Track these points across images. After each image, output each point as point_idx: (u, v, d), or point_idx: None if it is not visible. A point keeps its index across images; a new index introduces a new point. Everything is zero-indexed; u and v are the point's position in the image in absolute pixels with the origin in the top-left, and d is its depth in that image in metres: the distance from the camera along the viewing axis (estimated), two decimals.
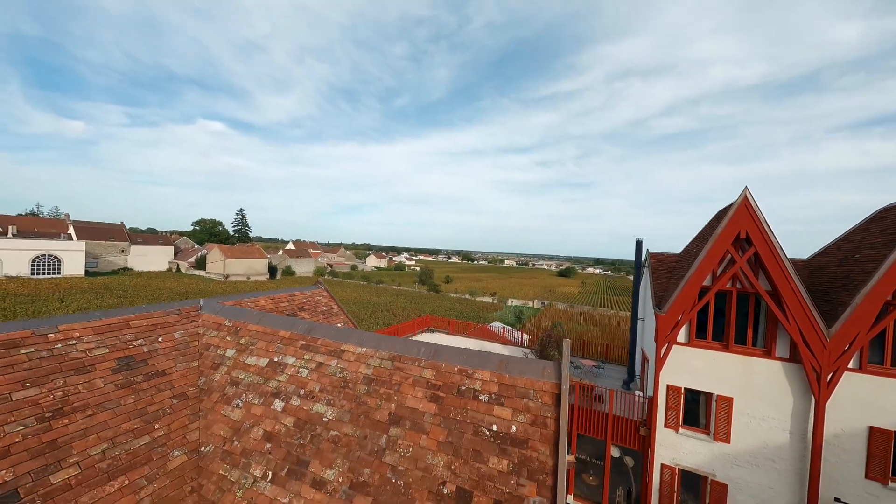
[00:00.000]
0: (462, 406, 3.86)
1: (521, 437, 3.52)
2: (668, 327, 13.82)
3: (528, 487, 3.26)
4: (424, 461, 3.63)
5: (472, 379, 4.01)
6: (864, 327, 11.45)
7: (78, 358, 4.31)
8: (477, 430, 3.68)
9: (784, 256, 12.37)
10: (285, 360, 4.92)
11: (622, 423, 14.80)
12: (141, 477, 3.86)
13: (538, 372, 3.85)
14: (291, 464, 3.99)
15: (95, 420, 3.96)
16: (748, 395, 12.97)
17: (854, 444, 11.66)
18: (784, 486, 12.37)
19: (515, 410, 3.69)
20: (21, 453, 3.39)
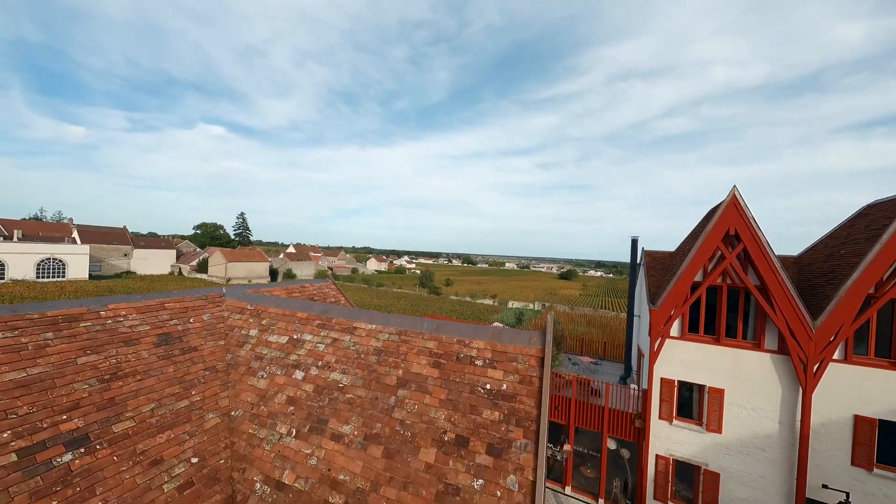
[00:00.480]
0: (460, 370, 4.52)
1: (510, 393, 4.17)
2: (661, 321, 14.43)
3: (516, 432, 3.90)
4: (428, 415, 4.28)
5: (468, 347, 4.67)
6: (847, 319, 12.03)
7: (126, 332, 4.98)
8: (473, 389, 4.33)
9: (771, 252, 12.98)
10: (304, 338, 5.58)
11: (618, 415, 15.38)
12: (183, 432, 4.51)
13: (525, 340, 4.50)
14: (312, 422, 4.64)
15: (144, 384, 4.62)
16: (739, 387, 13.54)
17: (840, 433, 12.22)
18: (774, 475, 12.92)
19: (506, 372, 4.34)
20: (88, 406, 4.05)
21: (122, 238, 74.12)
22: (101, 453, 3.81)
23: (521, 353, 4.42)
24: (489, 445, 3.90)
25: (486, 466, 3.78)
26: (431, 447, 4.05)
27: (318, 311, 5.83)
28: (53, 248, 59.13)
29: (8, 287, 49.01)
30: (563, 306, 70.29)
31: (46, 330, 4.38)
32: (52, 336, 4.36)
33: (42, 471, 3.43)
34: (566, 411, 16.20)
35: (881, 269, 11.74)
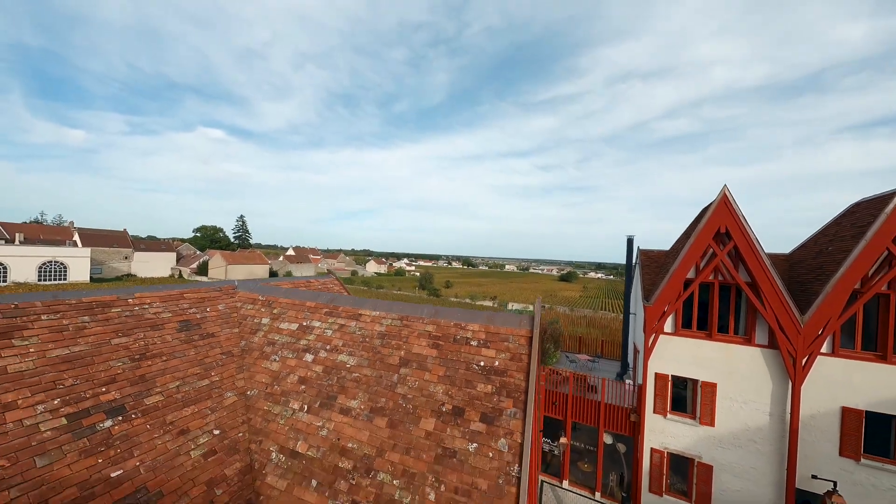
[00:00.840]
0: (457, 350, 5.00)
1: (502, 369, 4.65)
2: (654, 318, 14.91)
3: (507, 402, 4.39)
4: (428, 390, 4.76)
5: (464, 330, 5.16)
6: (834, 314, 12.51)
7: (151, 318, 5.47)
8: (468, 366, 4.82)
9: (761, 249, 13.48)
10: (312, 324, 6.07)
11: (614, 410, 15.83)
12: (206, 408, 5.00)
13: (516, 323, 4.99)
14: (322, 399, 5.12)
15: (169, 364, 5.11)
16: (731, 381, 13.99)
17: (828, 424, 12.67)
18: (765, 466, 13.36)
19: (498, 350, 4.83)
20: (123, 381, 4.54)
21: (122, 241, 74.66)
22: (136, 422, 4.30)
23: (511, 334, 4.91)
24: (482, 414, 4.38)
25: (479, 432, 4.27)
26: (431, 417, 4.53)
27: (325, 300, 6.33)
28: (55, 251, 59.69)
29: (10, 290, 49.53)
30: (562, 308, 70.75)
31: (83, 314, 4.87)
32: (88, 319, 4.85)
33: (87, 434, 3.92)
34: (563, 407, 16.64)
35: (866, 264, 12.21)
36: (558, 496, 15.60)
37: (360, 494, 4.21)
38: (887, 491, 11.88)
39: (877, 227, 12.08)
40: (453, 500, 3.91)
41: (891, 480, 11.86)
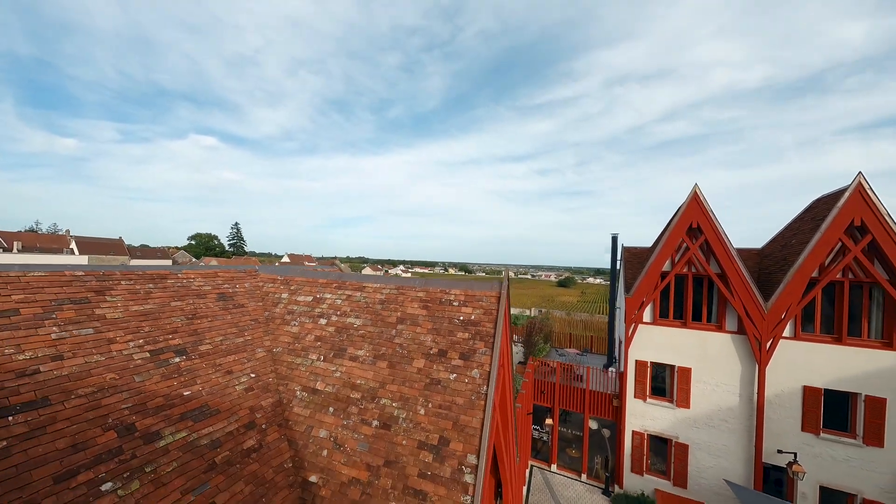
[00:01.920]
0: (442, 309, 6.47)
1: (476, 321, 6.12)
2: (634, 308, 16.39)
3: (479, 344, 5.85)
4: (419, 339, 6.22)
5: (448, 294, 6.63)
6: (794, 300, 14.00)
7: (196, 289, 6.93)
8: (451, 320, 6.28)
9: (729, 243, 15.01)
10: (325, 296, 7.53)
11: (598, 397, 17.26)
12: (243, 357, 6.44)
13: (489, 287, 6.47)
14: (335, 350, 6.57)
15: (213, 324, 6.56)
16: (704, 365, 15.45)
17: (791, 402, 14.11)
18: (735, 443, 14.77)
19: (474, 308, 6.29)
20: (182, 332, 5.99)
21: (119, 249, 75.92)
22: (195, 361, 5.74)
23: (485, 295, 6.39)
24: (461, 353, 5.84)
25: (458, 366, 5.72)
26: (421, 358, 5.98)
27: (334, 277, 7.80)
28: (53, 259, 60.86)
29: None
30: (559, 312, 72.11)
31: (149, 282, 6.32)
32: (152, 286, 6.31)
33: (164, 365, 5.36)
34: (551, 395, 18.04)
35: (822, 254, 13.70)
36: (547, 479, 16.94)
37: (367, 415, 5.65)
38: (843, 461, 13.29)
39: (830, 220, 13.60)
40: (438, 413, 5.36)
41: (846, 452, 13.27)
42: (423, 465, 4.98)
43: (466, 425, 5.14)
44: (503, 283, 6.30)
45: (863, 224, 13.16)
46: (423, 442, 5.18)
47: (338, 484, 5.15)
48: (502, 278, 6.35)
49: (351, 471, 5.20)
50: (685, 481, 15.33)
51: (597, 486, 16.54)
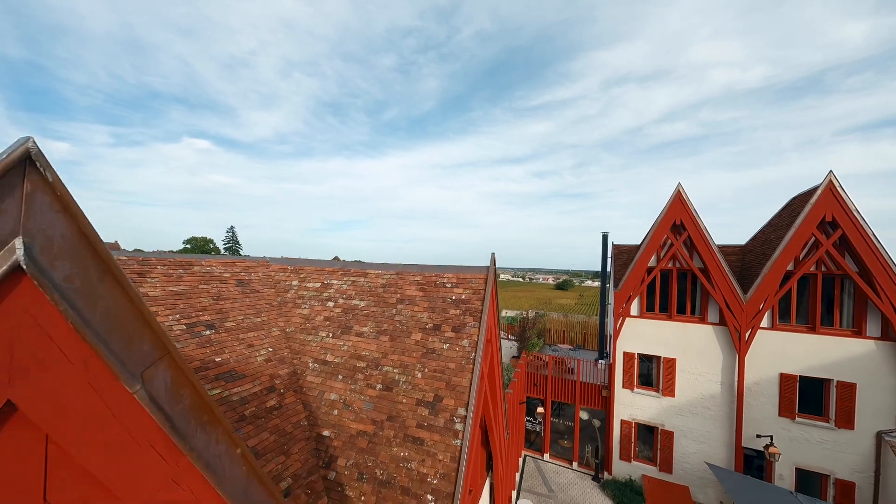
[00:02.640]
0: (437, 290, 7.51)
1: (467, 300, 7.16)
2: (622, 302, 17.47)
3: (469, 319, 6.88)
4: (416, 316, 7.25)
5: (442, 278, 7.67)
6: (771, 292, 15.10)
7: (218, 275, 7.95)
8: (444, 300, 7.32)
9: (710, 238, 16.12)
10: (332, 282, 8.55)
11: (588, 388, 18.31)
12: (261, 334, 7.46)
13: (478, 271, 7.51)
14: (343, 328, 7.59)
15: (234, 305, 7.58)
16: (688, 356, 16.53)
17: (769, 389, 15.19)
18: (717, 429, 15.83)
19: (465, 289, 7.33)
20: (210, 310, 7.00)
21: None
22: (222, 335, 6.76)
23: (474, 278, 7.43)
24: (453, 327, 6.87)
25: (450, 337, 6.75)
26: (418, 332, 7.01)
27: (339, 265, 8.83)
28: None
29: None
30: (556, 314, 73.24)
31: (179, 268, 7.34)
32: (182, 272, 7.32)
33: (197, 336, 6.38)
34: (544, 387, 19.06)
35: (796, 248, 14.83)
36: (539, 467, 17.94)
37: (372, 380, 6.67)
38: (817, 444, 14.36)
39: (803, 216, 14.73)
40: (433, 376, 6.39)
41: (820, 434, 14.35)
42: (421, 418, 6.01)
43: (457, 385, 6.17)
44: (490, 267, 7.35)
45: (834, 219, 14.29)
46: (421, 399, 6.20)
47: (347, 436, 6.17)
48: (490, 264, 7.39)
49: (359, 425, 6.22)
50: (670, 466, 16.37)
51: (587, 473, 17.56)
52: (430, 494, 5.33)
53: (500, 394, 9.12)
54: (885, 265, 13.48)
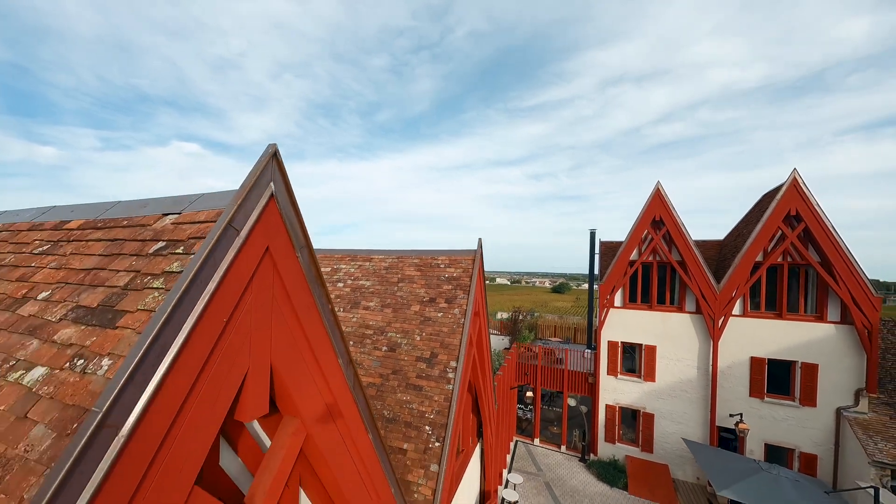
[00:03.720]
0: (432, 270, 9.10)
1: (457, 277, 8.76)
2: (606, 293, 19.17)
3: (459, 292, 8.48)
4: (415, 292, 8.83)
5: (437, 259, 9.27)
6: (741, 281, 16.85)
7: None
8: (438, 277, 8.91)
9: (687, 233, 17.84)
10: (340, 266, 10.12)
11: (576, 376, 19.96)
12: None
13: (466, 254, 9.12)
14: (352, 304, 9.14)
15: None
16: (667, 343, 18.23)
17: (740, 372, 16.91)
18: (694, 410, 17.53)
19: (456, 268, 8.93)
20: None
21: None
22: None
23: (463, 259, 9.03)
24: (446, 299, 8.46)
25: (444, 307, 8.34)
26: (417, 304, 8.59)
27: (347, 252, 10.40)
28: None
29: None
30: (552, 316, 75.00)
31: None
32: None
33: None
34: (534, 376, 20.66)
35: (764, 240, 16.59)
36: (530, 450, 19.53)
37: (378, 344, 8.23)
38: (783, 421, 16.09)
39: (770, 210, 16.50)
40: (429, 338, 7.97)
41: (786, 412, 16.08)
42: (419, 371, 7.58)
43: (450, 343, 7.76)
44: (477, 251, 8.96)
45: (798, 213, 16.07)
46: (419, 356, 7.79)
47: None
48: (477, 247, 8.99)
49: (367, 379, 7.77)
50: (651, 447, 18.04)
51: (574, 455, 19.18)
52: (428, 426, 6.90)
53: (489, 365, 10.71)
54: (843, 255, 15.27)
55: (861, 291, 14.96)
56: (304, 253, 2.77)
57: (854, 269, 15.07)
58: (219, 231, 2.12)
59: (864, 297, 14.93)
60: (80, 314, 2.22)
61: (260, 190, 2.39)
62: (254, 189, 2.34)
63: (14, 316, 2.45)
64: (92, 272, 2.48)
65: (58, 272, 2.65)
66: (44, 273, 2.70)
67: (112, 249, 2.59)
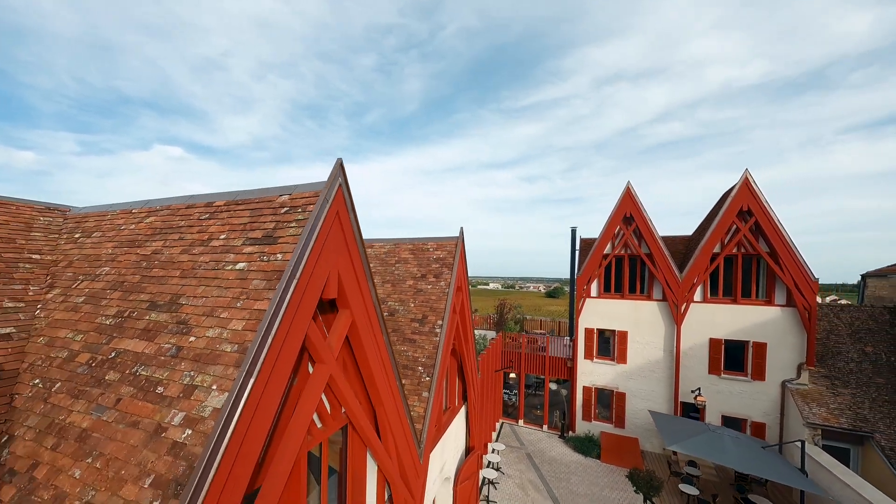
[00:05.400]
0: (423, 253, 11.75)
1: (443, 258, 11.41)
2: (582, 284, 21.90)
3: (445, 269, 11.12)
4: (409, 270, 11.47)
5: (426, 244, 11.93)
6: (701, 271, 19.67)
7: None
8: (428, 258, 11.55)
9: (654, 229, 20.65)
10: None
11: (556, 361, 22.64)
12: None
13: (451, 240, 11.76)
14: None
15: None
16: (637, 328, 20.99)
17: (700, 352, 19.70)
18: (661, 388, 20.27)
19: (442, 251, 11.59)
20: None
21: None
22: None
23: (448, 244, 11.67)
24: (434, 275, 11.09)
25: (432, 281, 10.97)
26: (411, 280, 11.22)
27: None
28: None
29: None
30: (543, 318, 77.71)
31: None
32: None
33: None
34: (518, 363, 23.31)
35: (721, 233, 19.42)
36: (514, 430, 22.13)
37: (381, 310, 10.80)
38: (737, 394, 18.88)
39: (725, 207, 19.38)
40: (421, 305, 10.58)
41: (740, 387, 18.88)
42: (413, 328, 10.19)
43: (437, 308, 10.38)
44: (459, 237, 11.60)
45: (749, 209, 18.94)
46: (413, 318, 10.40)
47: None
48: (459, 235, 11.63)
49: None
50: (623, 423, 20.76)
51: (555, 433, 21.84)
52: (420, 367, 9.50)
53: (471, 335, 13.32)
54: (787, 245, 18.15)
55: (802, 277, 17.84)
56: (353, 215, 5.36)
57: (796, 257, 17.95)
58: (321, 201, 4.70)
59: (804, 282, 17.81)
60: (252, 241, 4.81)
61: (334, 181, 4.98)
62: (332, 181, 4.93)
63: (209, 247, 5.03)
64: (248, 223, 5.07)
65: (223, 227, 5.23)
66: (215, 227, 5.28)
67: (256, 213, 5.18)
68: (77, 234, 6.70)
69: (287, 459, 4.25)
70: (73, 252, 6.35)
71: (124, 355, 4.33)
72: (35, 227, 6.67)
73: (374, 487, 7.09)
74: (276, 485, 4.05)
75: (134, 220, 6.23)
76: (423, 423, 8.76)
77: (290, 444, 4.30)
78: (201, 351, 3.98)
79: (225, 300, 4.33)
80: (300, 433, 4.47)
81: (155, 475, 3.28)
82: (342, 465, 6.48)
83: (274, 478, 4.04)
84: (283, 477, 4.14)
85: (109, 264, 5.70)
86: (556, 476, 17.48)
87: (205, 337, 4.08)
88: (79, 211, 7.45)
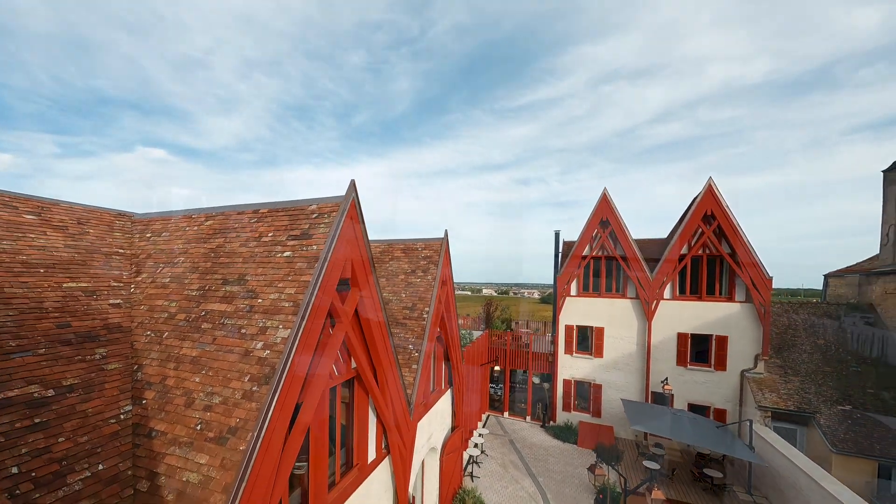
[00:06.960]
0: (413, 252, 14.30)
1: (430, 255, 13.96)
2: (562, 284, 24.51)
3: (431, 266, 13.66)
4: (402, 267, 14.01)
5: (416, 245, 14.49)
6: (670, 271, 22.34)
7: None
8: (417, 257, 14.11)
9: (628, 232, 23.31)
10: None
11: (539, 356, 25.18)
12: None
13: (437, 241, 14.30)
14: None
15: None
16: (613, 324, 23.61)
17: (669, 346, 22.35)
18: (634, 380, 22.88)
19: (430, 250, 14.15)
20: None
21: None
22: None
23: (435, 244, 14.21)
24: (422, 270, 13.63)
25: (421, 276, 13.51)
26: (402, 275, 13.75)
27: None
28: None
29: None
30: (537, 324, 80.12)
31: None
32: None
33: None
34: (504, 359, 25.82)
35: (687, 236, 22.14)
36: (500, 422, 24.62)
37: None
38: (702, 384, 21.52)
39: (691, 211, 22.09)
40: (411, 295, 13.11)
41: (704, 377, 21.53)
42: (404, 314, 12.68)
43: (425, 297, 12.89)
44: (444, 238, 14.13)
45: (712, 213, 21.65)
46: (405, 307, 12.90)
47: None
48: (443, 237, 14.16)
49: None
50: (600, 412, 23.34)
51: (537, 423, 24.37)
52: (411, 345, 12.00)
53: (455, 323, 15.83)
54: (744, 246, 20.86)
55: (758, 275, 20.57)
56: (362, 220, 7.86)
57: (753, 257, 20.66)
58: (340, 210, 7.19)
59: (760, 280, 20.53)
60: (293, 237, 7.30)
61: (349, 196, 7.48)
62: (348, 196, 7.42)
63: (261, 242, 7.52)
64: (289, 224, 7.57)
65: (269, 227, 7.71)
66: (262, 228, 7.76)
67: (293, 218, 7.68)
68: (148, 234, 9.16)
69: (319, 385, 6.70)
70: (149, 247, 8.81)
71: (212, 314, 6.79)
72: (115, 229, 9.12)
73: (374, 435, 9.55)
74: (311, 402, 6.50)
75: (196, 224, 8.72)
76: (412, 388, 11.24)
77: (320, 378, 6.76)
78: (268, 307, 6.45)
79: (279, 276, 6.81)
80: (327, 369, 6.94)
81: (251, 375, 5.75)
82: (349, 418, 8.92)
83: (311, 397, 6.50)
84: (315, 399, 6.59)
85: (183, 255, 8.17)
86: (535, 458, 20.00)
87: (269, 298, 6.56)
88: (141, 216, 9.90)
